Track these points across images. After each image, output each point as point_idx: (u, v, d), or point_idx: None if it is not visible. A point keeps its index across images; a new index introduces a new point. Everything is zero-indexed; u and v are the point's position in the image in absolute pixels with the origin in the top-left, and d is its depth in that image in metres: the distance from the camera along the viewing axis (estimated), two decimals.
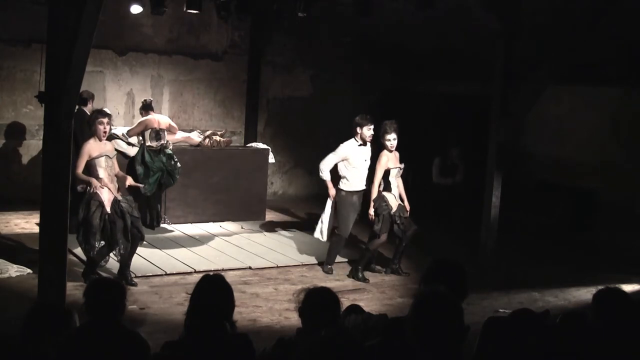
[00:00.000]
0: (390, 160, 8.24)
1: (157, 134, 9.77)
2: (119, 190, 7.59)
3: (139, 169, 9.46)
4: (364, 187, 8.38)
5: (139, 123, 9.93)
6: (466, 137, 11.88)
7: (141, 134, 9.79)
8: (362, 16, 9.92)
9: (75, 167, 7.26)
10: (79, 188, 7.55)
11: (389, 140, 8.20)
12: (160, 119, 9.96)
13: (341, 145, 8.36)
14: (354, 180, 8.29)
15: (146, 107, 10.00)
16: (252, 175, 10.96)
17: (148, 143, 9.69)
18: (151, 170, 9.55)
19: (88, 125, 7.58)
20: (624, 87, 10.33)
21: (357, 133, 8.28)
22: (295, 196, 13.09)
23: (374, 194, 8.16)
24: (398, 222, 8.20)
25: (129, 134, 9.90)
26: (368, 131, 8.25)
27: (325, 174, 8.36)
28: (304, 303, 3.98)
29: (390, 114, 13.22)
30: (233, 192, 10.79)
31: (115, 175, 7.62)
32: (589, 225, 10.71)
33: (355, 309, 4.66)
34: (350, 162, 8.28)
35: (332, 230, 8.60)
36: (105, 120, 7.45)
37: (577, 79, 10.16)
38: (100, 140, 7.45)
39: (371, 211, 8.14)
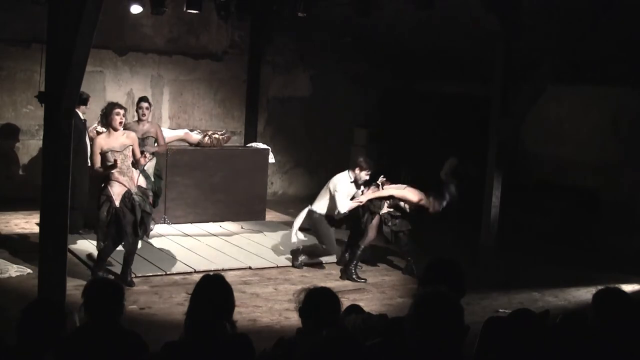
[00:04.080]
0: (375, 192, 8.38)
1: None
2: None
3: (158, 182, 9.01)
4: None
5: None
6: (480, 147, 11.87)
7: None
8: (362, 16, 9.91)
9: (93, 164, 7.37)
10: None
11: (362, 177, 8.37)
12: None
13: (338, 183, 8.37)
14: (331, 208, 8.42)
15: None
16: (252, 175, 10.96)
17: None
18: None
19: (104, 116, 7.54)
20: (624, 86, 10.33)
21: (354, 172, 8.39)
22: (295, 196, 13.08)
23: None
24: (389, 224, 8.28)
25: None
26: (365, 176, 8.39)
27: (345, 209, 8.35)
28: (304, 303, 3.97)
29: (390, 114, 13.34)
30: (233, 192, 10.79)
31: (135, 162, 7.55)
32: (589, 225, 10.70)
33: (355, 309, 4.66)
34: (346, 195, 8.37)
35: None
36: (122, 111, 7.44)
37: (577, 79, 10.16)
38: (115, 130, 7.40)
39: (362, 198, 8.29)
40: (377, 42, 12.75)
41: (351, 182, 8.42)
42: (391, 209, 8.37)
